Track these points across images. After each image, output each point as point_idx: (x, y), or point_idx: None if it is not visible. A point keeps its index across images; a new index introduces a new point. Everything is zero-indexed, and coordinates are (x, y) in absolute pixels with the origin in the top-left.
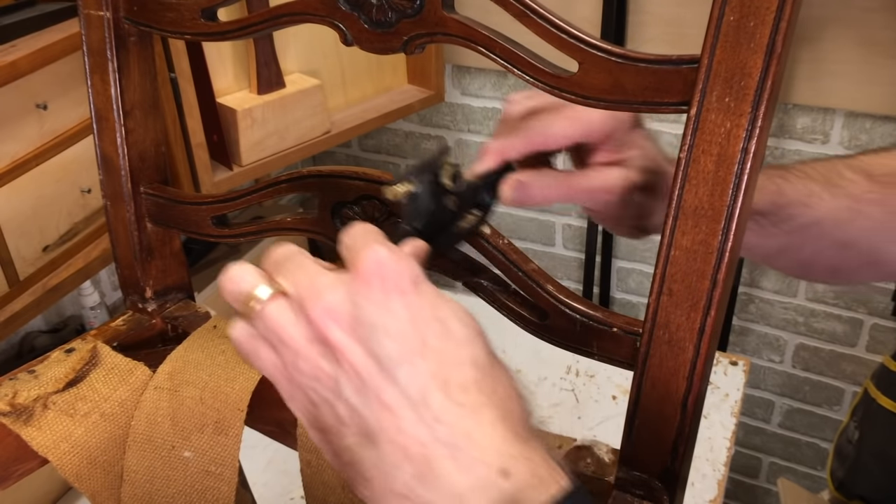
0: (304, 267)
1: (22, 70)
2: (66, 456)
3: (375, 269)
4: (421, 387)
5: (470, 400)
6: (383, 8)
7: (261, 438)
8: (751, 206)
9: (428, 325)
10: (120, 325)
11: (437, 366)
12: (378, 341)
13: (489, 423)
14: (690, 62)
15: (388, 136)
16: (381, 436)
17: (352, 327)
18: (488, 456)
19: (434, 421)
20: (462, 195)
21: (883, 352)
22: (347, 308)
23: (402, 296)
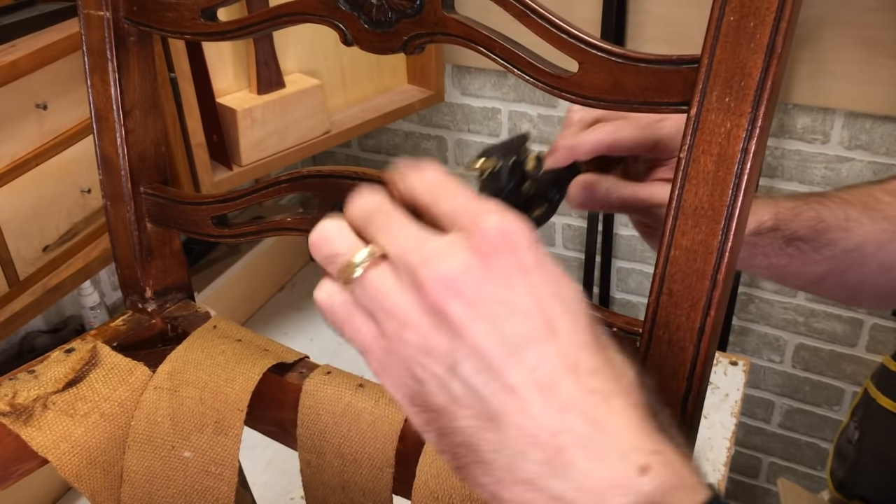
0: (405, 225)
1: (22, 70)
2: (65, 456)
3: (502, 239)
4: (550, 370)
5: (600, 386)
6: (383, 8)
7: (261, 438)
8: (750, 206)
9: (553, 305)
10: (120, 325)
11: (566, 349)
12: (505, 319)
13: (622, 413)
14: (690, 62)
15: (388, 136)
16: (506, 419)
17: (473, 302)
18: (625, 450)
19: (563, 408)
20: (538, 184)
21: (883, 352)
22: (469, 281)
23: (527, 271)
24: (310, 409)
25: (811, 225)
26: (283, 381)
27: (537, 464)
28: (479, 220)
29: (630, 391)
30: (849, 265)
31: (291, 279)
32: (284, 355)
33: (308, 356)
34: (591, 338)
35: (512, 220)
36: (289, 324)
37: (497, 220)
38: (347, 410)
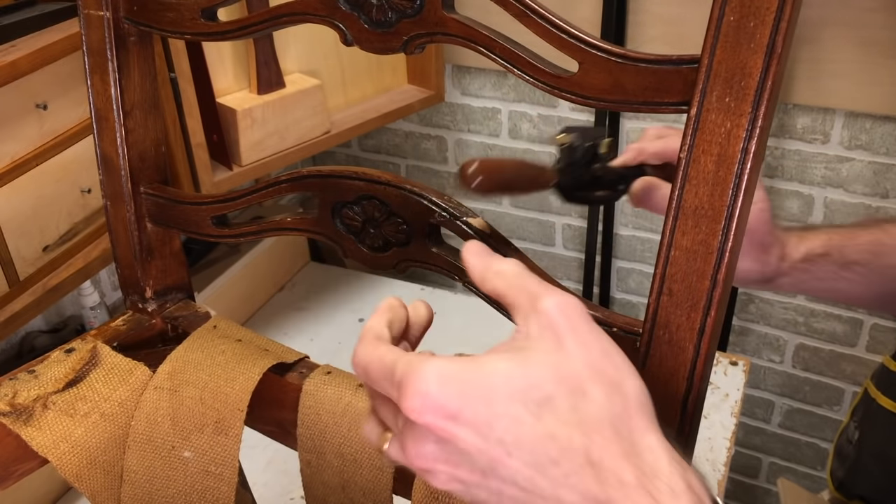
0: (386, 400)
1: (22, 70)
2: (66, 456)
3: (431, 418)
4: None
5: (558, 479)
6: (383, 8)
7: (261, 438)
8: (750, 206)
9: (495, 428)
10: (120, 325)
11: (522, 465)
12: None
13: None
14: (690, 62)
15: (388, 136)
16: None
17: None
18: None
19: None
20: (607, 170)
21: (883, 352)
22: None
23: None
24: (310, 409)
25: (868, 248)
26: (283, 381)
27: None
28: (405, 392)
29: (600, 454)
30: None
31: (291, 279)
32: (284, 355)
33: (308, 356)
34: (541, 429)
35: (436, 389)
36: (289, 324)
37: (419, 397)
38: (347, 410)
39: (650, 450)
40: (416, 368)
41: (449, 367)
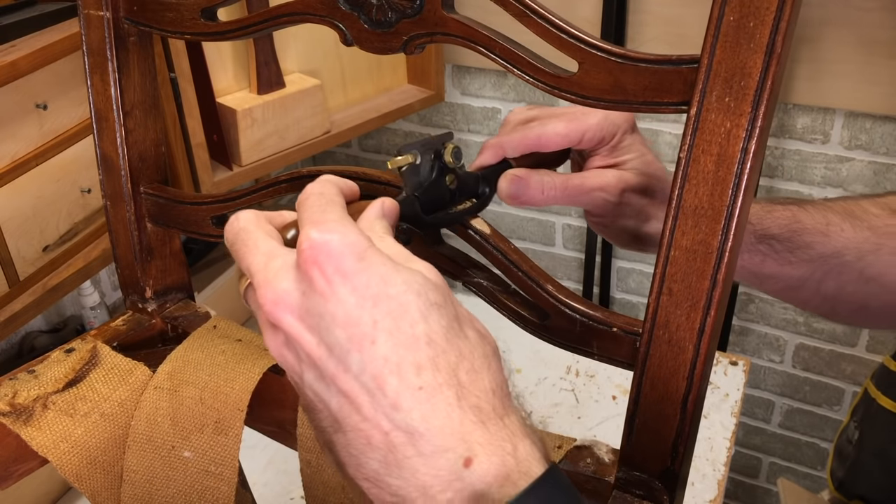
0: (257, 248)
1: (22, 70)
2: (65, 456)
3: (311, 255)
4: (374, 373)
5: (426, 381)
6: (383, 8)
7: (261, 438)
8: (750, 206)
9: (377, 305)
10: (120, 325)
11: (390, 348)
12: (327, 329)
13: (448, 405)
14: (690, 62)
15: (388, 136)
16: (345, 422)
17: (302, 316)
18: (450, 443)
19: (391, 408)
20: (462, 178)
21: (883, 352)
22: (296, 297)
23: (345, 278)
24: None
25: (785, 224)
26: (283, 381)
27: (376, 462)
28: (301, 237)
29: (463, 381)
30: (826, 272)
31: None
32: None
33: None
34: (420, 329)
35: (330, 230)
36: None
37: (314, 234)
38: None
39: (510, 399)
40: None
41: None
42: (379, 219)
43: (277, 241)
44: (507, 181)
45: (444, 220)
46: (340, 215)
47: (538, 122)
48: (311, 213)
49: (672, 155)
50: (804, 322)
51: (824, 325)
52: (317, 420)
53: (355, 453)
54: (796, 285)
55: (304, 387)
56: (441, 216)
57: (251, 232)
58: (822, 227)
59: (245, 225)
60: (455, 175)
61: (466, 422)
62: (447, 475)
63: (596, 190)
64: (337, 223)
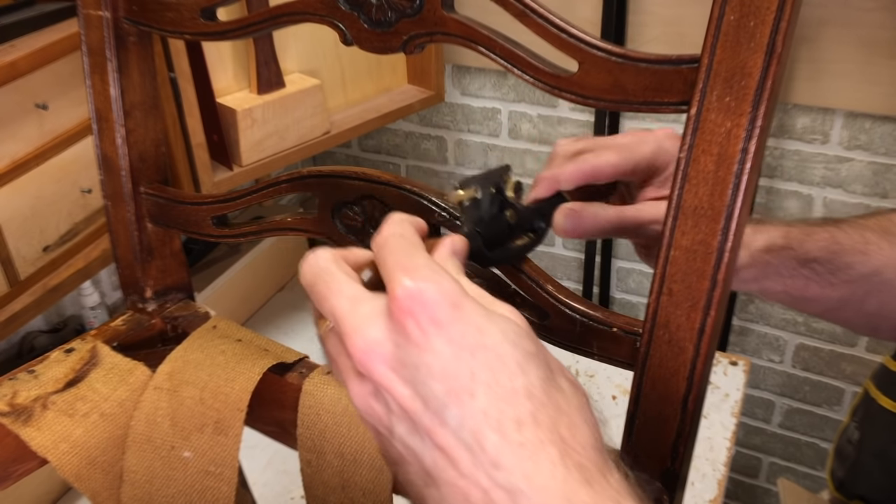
0: (341, 291)
1: (22, 70)
2: (65, 456)
3: (407, 304)
4: (473, 428)
5: (527, 438)
6: (383, 8)
7: (261, 438)
8: (750, 205)
9: (474, 356)
10: (120, 325)
11: (489, 402)
12: (423, 382)
13: (551, 463)
14: (690, 62)
15: (388, 136)
16: (440, 477)
17: (395, 367)
18: (554, 503)
19: (491, 465)
20: (520, 213)
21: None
22: (389, 347)
23: (441, 328)
24: (310, 409)
25: (825, 246)
26: (283, 381)
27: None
28: (393, 284)
29: (565, 438)
30: (868, 291)
31: (291, 279)
32: (284, 355)
33: (308, 356)
34: (520, 382)
35: (424, 278)
36: (289, 324)
37: (408, 282)
38: (347, 410)
39: (611, 462)
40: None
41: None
42: (451, 257)
43: (357, 282)
44: (563, 216)
45: (505, 255)
46: (429, 261)
47: (591, 153)
48: (397, 258)
49: None
50: (804, 322)
51: (824, 325)
52: (405, 473)
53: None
54: (838, 306)
55: (393, 440)
56: (501, 252)
57: (333, 273)
58: (860, 246)
59: (325, 265)
60: (514, 210)
61: (571, 480)
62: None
63: (650, 223)
64: (428, 270)
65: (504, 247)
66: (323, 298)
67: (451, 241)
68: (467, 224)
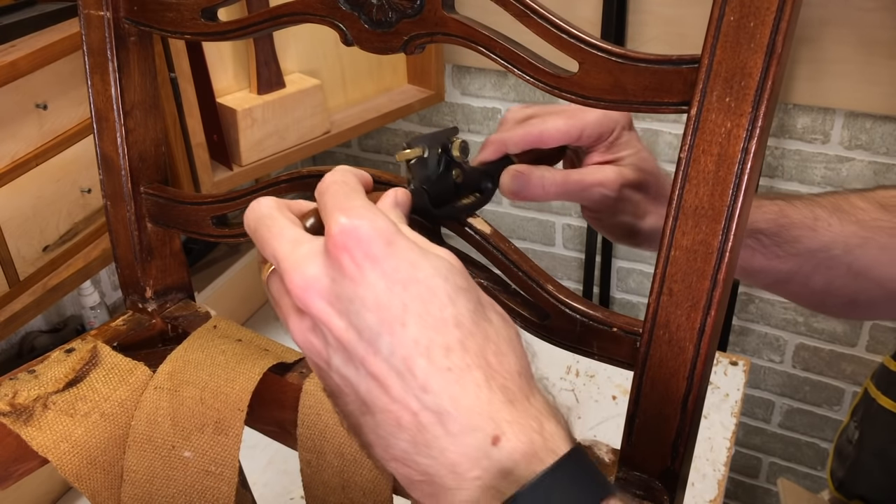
0: (282, 234)
1: (22, 70)
2: (66, 456)
3: (342, 240)
4: (404, 355)
5: (455, 363)
6: (383, 8)
7: (261, 438)
8: (750, 206)
9: (406, 289)
10: (120, 325)
11: (419, 330)
12: (357, 314)
13: (476, 386)
14: (690, 62)
15: (388, 136)
16: (374, 404)
17: (331, 301)
18: (478, 422)
19: (420, 389)
20: (467, 173)
21: (883, 352)
22: (325, 282)
23: (375, 263)
24: (310, 409)
25: (772, 219)
26: (283, 381)
27: (405, 442)
28: (329, 224)
29: (491, 363)
30: (815, 266)
31: None
32: (284, 355)
33: None
34: (449, 313)
35: (359, 216)
36: None
37: (343, 219)
38: None
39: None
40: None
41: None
42: (394, 208)
43: (299, 227)
44: (510, 177)
45: (451, 213)
46: (366, 202)
47: (538, 118)
48: (336, 200)
49: (672, 155)
50: (804, 322)
51: (824, 326)
52: (342, 404)
53: (384, 434)
54: (785, 279)
55: (330, 371)
56: (447, 209)
57: (275, 218)
58: (809, 221)
59: (268, 211)
60: (461, 169)
61: (495, 401)
62: (475, 453)
63: (596, 185)
64: (365, 209)
65: (450, 205)
66: (265, 242)
67: (394, 193)
68: (414, 181)
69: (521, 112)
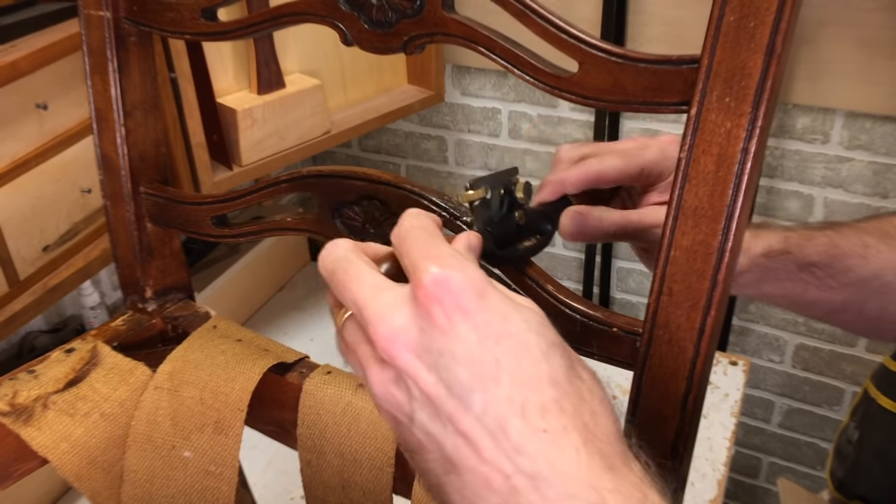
0: (362, 279)
1: (22, 70)
2: (66, 456)
3: (434, 291)
4: (497, 414)
5: (551, 424)
6: (383, 8)
7: (261, 438)
8: (750, 206)
9: (499, 343)
10: (120, 325)
11: (513, 388)
12: (447, 368)
13: (575, 450)
14: (690, 62)
15: (388, 136)
16: (462, 464)
17: (419, 354)
18: (577, 489)
19: (514, 451)
20: (528, 214)
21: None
22: (414, 334)
23: (467, 316)
24: (310, 409)
25: (824, 250)
26: (283, 381)
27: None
28: (419, 273)
29: (588, 425)
30: (868, 294)
31: (291, 279)
32: (284, 355)
33: (308, 356)
34: (544, 370)
35: (451, 266)
36: (289, 324)
37: (435, 269)
38: (347, 410)
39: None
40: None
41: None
42: (468, 252)
43: (378, 273)
44: (570, 219)
45: (513, 255)
46: (453, 251)
47: (595, 158)
48: (422, 248)
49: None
50: (804, 322)
51: (824, 325)
52: (423, 461)
53: (470, 496)
54: (839, 309)
55: (413, 427)
56: (509, 251)
57: (353, 262)
58: (859, 249)
59: (346, 254)
60: (524, 211)
61: (595, 466)
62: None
63: (654, 227)
64: (454, 258)
65: (512, 247)
66: (343, 287)
67: (467, 237)
68: (477, 223)
69: (576, 151)
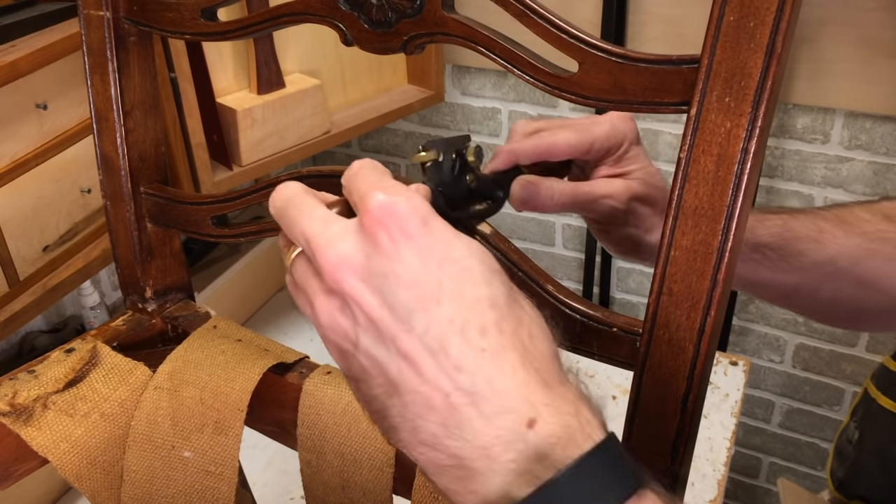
0: (312, 214)
1: (22, 70)
2: (66, 456)
3: (379, 215)
4: (438, 334)
5: (490, 343)
6: (383, 8)
7: (261, 438)
8: (750, 206)
9: (442, 267)
10: (120, 325)
11: (454, 309)
12: (391, 291)
13: (512, 368)
14: (690, 62)
15: (388, 136)
16: (404, 385)
17: (365, 278)
18: (513, 404)
19: (454, 369)
20: (480, 179)
21: (883, 352)
22: (360, 258)
23: (411, 240)
24: (310, 409)
25: (777, 232)
26: (283, 381)
27: (435, 424)
28: (366, 201)
29: (526, 345)
30: (821, 279)
31: None
32: (284, 355)
33: (308, 356)
34: (484, 293)
35: (396, 193)
36: (289, 324)
37: (381, 196)
38: (347, 410)
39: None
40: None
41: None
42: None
43: (328, 210)
44: (520, 186)
45: (464, 217)
46: (400, 183)
47: (548, 132)
48: (370, 181)
49: (672, 155)
50: (804, 322)
51: (824, 326)
52: (367, 388)
53: (412, 417)
54: (791, 292)
55: (357, 353)
56: (461, 213)
57: (304, 198)
58: (814, 234)
59: (297, 191)
60: (475, 175)
61: (531, 383)
62: (510, 436)
63: (605, 197)
64: (401, 187)
65: (464, 210)
66: (293, 222)
67: (417, 187)
68: (429, 184)
69: (530, 125)
